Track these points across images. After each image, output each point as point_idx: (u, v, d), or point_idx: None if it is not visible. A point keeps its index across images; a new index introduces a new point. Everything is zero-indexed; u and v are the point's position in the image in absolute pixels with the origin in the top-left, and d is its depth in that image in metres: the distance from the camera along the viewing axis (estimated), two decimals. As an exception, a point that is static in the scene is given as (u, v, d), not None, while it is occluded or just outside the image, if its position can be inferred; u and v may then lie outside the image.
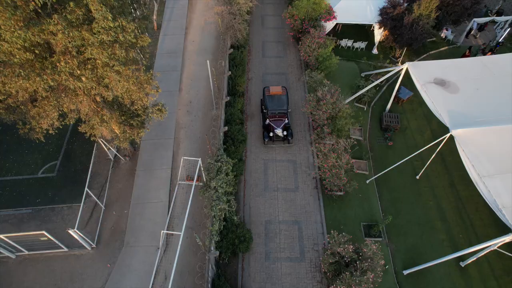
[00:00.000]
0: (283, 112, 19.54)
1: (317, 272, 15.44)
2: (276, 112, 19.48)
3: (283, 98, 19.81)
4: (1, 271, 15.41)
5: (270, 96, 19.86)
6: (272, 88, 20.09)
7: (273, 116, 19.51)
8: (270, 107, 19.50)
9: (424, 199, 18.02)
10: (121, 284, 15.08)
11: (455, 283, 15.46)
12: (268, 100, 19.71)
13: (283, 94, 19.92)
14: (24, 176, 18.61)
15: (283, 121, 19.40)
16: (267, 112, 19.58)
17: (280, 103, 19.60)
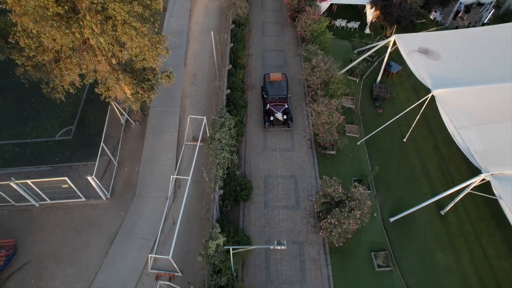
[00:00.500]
0: (283, 97, 20.30)
1: (311, 218, 17.10)
2: (276, 97, 20.23)
3: (283, 84, 20.62)
4: (27, 217, 17.10)
5: (270, 82, 20.66)
6: (272, 75, 20.91)
7: (273, 101, 20.28)
8: (271, 92, 20.25)
9: (410, 159, 19.66)
10: (133, 229, 16.74)
11: (436, 229, 17.08)
12: (269, 86, 20.48)
13: (283, 80, 20.74)
14: (43, 139, 20.30)
15: (283, 106, 20.17)
16: (268, 97, 20.35)
17: (280, 89, 20.40)
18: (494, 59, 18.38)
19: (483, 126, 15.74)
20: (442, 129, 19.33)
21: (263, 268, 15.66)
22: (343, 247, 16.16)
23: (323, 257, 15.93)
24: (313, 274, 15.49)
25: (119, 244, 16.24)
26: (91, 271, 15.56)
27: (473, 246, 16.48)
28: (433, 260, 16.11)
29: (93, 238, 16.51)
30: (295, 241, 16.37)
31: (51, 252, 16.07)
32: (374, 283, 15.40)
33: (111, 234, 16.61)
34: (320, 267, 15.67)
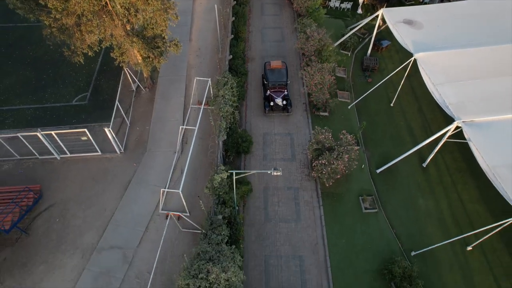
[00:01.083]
0: (282, 84, 20.98)
1: (305, 168, 18.99)
2: (276, 83, 20.92)
3: (282, 71, 21.34)
4: (49, 168, 18.99)
5: (270, 69, 21.42)
6: (272, 63, 21.66)
7: (273, 88, 21.02)
8: (271, 79, 20.97)
9: (396, 120, 21.54)
10: (145, 178, 18.61)
11: (418, 179, 18.95)
12: (269, 73, 21.23)
13: (282, 68, 21.49)
14: (61, 104, 22.19)
15: (282, 92, 20.93)
16: (268, 84, 21.04)
17: (280, 76, 21.11)
18: (472, 28, 20.28)
19: (458, 83, 17.63)
20: (426, 96, 21.35)
21: (262, 209, 17.55)
22: (334, 192, 18.11)
23: (315, 200, 17.82)
24: (307, 214, 17.37)
25: (133, 190, 18.12)
26: (108, 212, 17.44)
27: (450, 192, 18.34)
28: (415, 204, 17.97)
29: (109, 186, 18.40)
30: (290, 187, 18.27)
31: (72, 197, 17.96)
32: (361, 222, 17.26)
33: (125, 182, 18.49)
34: (313, 208, 17.55)
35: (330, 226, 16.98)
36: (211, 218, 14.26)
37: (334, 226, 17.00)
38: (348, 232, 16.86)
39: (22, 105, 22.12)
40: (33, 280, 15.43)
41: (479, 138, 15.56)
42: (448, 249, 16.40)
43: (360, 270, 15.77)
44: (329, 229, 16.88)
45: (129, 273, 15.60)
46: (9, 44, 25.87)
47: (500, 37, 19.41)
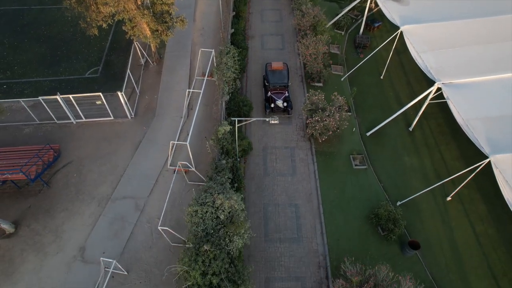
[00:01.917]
0: (283, 85, 21.03)
1: (301, 131, 20.70)
2: (277, 85, 20.97)
3: (283, 72, 21.42)
4: (66, 131, 20.68)
5: (271, 71, 21.57)
6: (273, 64, 21.73)
7: (274, 89, 21.10)
8: (272, 80, 21.05)
9: (385, 91, 23.25)
10: (154, 139, 20.31)
11: (404, 141, 20.65)
12: (270, 75, 21.34)
13: (284, 69, 21.59)
14: (75, 76, 23.91)
15: (283, 93, 20.97)
16: (269, 85, 21.09)
17: (281, 77, 21.20)
18: (456, 2, 21.98)
19: (439, 51, 19.35)
20: (414, 70, 23.17)
21: (261, 165, 19.26)
22: (327, 151, 19.82)
23: (310, 157, 19.52)
24: (302, 169, 19.08)
25: (143, 149, 19.81)
26: (121, 168, 19.12)
27: (433, 152, 20.04)
28: (401, 162, 19.67)
29: (121, 146, 20.09)
30: (287, 146, 19.98)
31: (87, 155, 19.65)
32: (351, 177, 18.96)
33: (136, 143, 20.19)
34: (308, 164, 19.26)
35: (323, 179, 18.68)
36: (215, 163, 15.94)
37: (327, 180, 18.70)
38: (340, 184, 18.56)
39: (39, 77, 23.83)
40: (55, 224, 17.12)
41: (457, 97, 17.26)
42: (430, 199, 18.11)
43: (350, 216, 17.45)
44: (322, 182, 18.59)
45: (141, 218, 17.28)
46: (24, 24, 27.62)
47: (481, 10, 21.15)
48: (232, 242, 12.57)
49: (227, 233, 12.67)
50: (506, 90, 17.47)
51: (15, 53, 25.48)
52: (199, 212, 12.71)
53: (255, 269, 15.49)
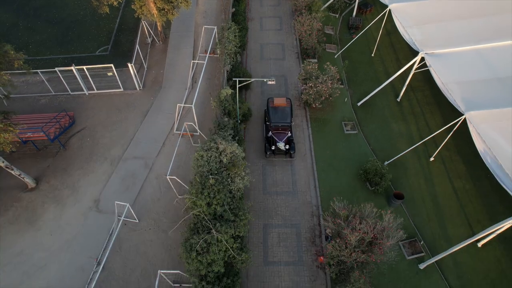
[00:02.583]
0: (286, 125, 19.31)
1: (296, 101, 22.34)
2: (279, 125, 19.20)
3: (286, 110, 19.47)
4: (80, 102, 22.35)
5: (273, 108, 19.59)
6: (276, 100, 19.77)
7: (276, 129, 19.31)
8: (273, 119, 19.15)
9: (376, 67, 24.92)
10: (161, 107, 21.95)
11: (392, 110, 22.31)
12: (272, 112, 19.41)
13: (287, 106, 19.59)
14: (86, 54, 25.59)
15: (286, 134, 19.22)
16: (270, 125, 19.30)
17: (283, 116, 19.28)
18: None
19: (425, 25, 21.00)
20: (403, 48, 24.84)
21: (260, 130, 20.93)
22: (320, 117, 21.49)
23: (305, 123, 21.19)
24: (297, 133, 20.74)
25: (151, 117, 21.46)
26: (130, 133, 20.78)
27: (419, 120, 21.68)
28: (389, 128, 21.31)
29: (131, 114, 21.74)
30: (284, 114, 21.61)
31: (99, 122, 21.31)
32: (343, 140, 20.61)
33: (144, 111, 21.85)
34: (303, 129, 20.92)
35: (317, 142, 20.34)
36: (218, 121, 17.58)
37: (320, 142, 20.36)
38: (332, 146, 20.21)
39: (52, 55, 25.51)
40: (72, 180, 18.77)
41: (438, 64, 18.91)
42: (415, 160, 19.75)
43: (341, 173, 19.10)
44: (316, 144, 20.24)
45: (150, 175, 18.94)
46: (37, 7, 29.32)
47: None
48: (234, 183, 14.21)
49: (229, 175, 14.31)
50: (483, 59, 19.09)
51: (30, 34, 27.18)
52: (204, 157, 14.33)
53: (254, 218, 17.17)
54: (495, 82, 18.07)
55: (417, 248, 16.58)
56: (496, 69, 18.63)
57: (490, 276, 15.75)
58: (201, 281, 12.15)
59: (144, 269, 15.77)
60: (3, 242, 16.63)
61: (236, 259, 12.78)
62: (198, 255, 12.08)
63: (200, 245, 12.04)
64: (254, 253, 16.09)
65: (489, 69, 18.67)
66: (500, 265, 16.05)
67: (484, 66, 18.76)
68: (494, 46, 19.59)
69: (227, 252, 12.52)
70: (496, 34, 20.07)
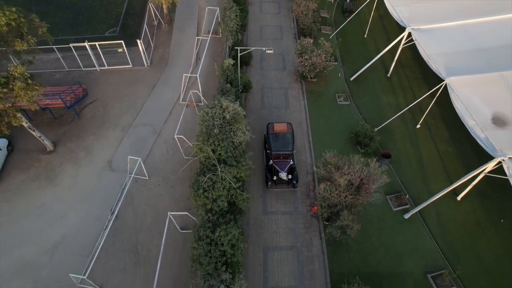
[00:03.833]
0: (288, 153, 17.99)
1: (293, 75, 24.03)
2: (281, 153, 17.96)
3: (288, 137, 18.24)
4: (91, 77, 24.02)
5: (274, 134, 18.35)
6: (276, 126, 18.58)
7: (277, 157, 18.07)
8: (274, 147, 17.92)
9: (368, 45, 26.60)
10: (167, 82, 23.61)
11: (383, 84, 23.97)
12: (272, 139, 18.16)
13: (288, 132, 18.42)
14: (96, 35, 27.21)
15: (288, 162, 17.92)
16: (271, 153, 18.08)
17: (284, 143, 18.06)
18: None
19: (412, 4, 22.68)
20: (394, 30, 26.46)
21: (259, 100, 22.58)
22: (315, 90, 23.16)
23: (301, 95, 22.85)
24: (294, 103, 22.39)
25: (158, 89, 23.12)
26: (139, 104, 22.42)
27: (407, 93, 23.33)
28: (379, 100, 22.96)
29: (139, 87, 23.40)
30: (282, 87, 23.31)
31: (110, 95, 22.96)
32: (336, 110, 22.26)
33: (152, 85, 23.51)
34: (299, 100, 22.57)
35: (312, 111, 22.00)
36: (221, 86, 19.22)
37: (315, 111, 22.01)
38: (326, 115, 21.86)
39: (65, 36, 27.16)
40: (86, 144, 20.41)
41: (423, 38, 20.54)
42: (403, 127, 21.41)
43: (334, 138, 20.73)
44: (311, 113, 21.90)
45: (158, 140, 20.59)
46: (49, -7, 31.05)
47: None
48: (236, 136, 15.84)
49: (232, 129, 15.93)
50: (467, 33, 20.68)
51: (42, 18, 28.20)
52: (209, 113, 15.95)
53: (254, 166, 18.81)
54: (476, 53, 19.71)
55: (402, 201, 18.21)
56: (478, 41, 20.25)
57: (467, 224, 17.37)
58: (207, 213, 13.76)
59: (154, 218, 17.39)
60: (27, 196, 18.25)
61: (238, 198, 14.39)
62: (204, 191, 13.70)
63: (206, 182, 13.66)
64: (254, 204, 17.74)
65: (471, 41, 20.29)
66: (476, 216, 17.68)
67: (467, 39, 20.38)
68: (478, 22, 21.24)
69: (230, 191, 14.13)
70: (480, 11, 21.71)
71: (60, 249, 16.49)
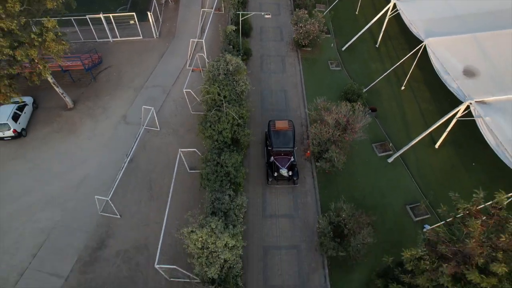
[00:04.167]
0: (288, 150, 18.40)
1: (290, 45, 26.29)
2: (282, 150, 18.34)
3: (289, 134, 18.62)
4: (105, 47, 26.32)
5: (275, 132, 18.74)
6: (277, 123, 19.00)
7: (278, 154, 18.47)
8: (275, 144, 18.30)
9: (359, 21, 28.76)
10: (175, 51, 25.90)
11: (371, 53, 26.24)
12: (273, 137, 18.53)
13: (289, 129, 18.83)
14: (108, 13, 29.50)
15: (289, 159, 18.35)
16: (272, 149, 18.50)
17: (285, 140, 18.40)
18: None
19: (398, -19, 24.94)
20: (383, 6, 28.58)
21: (259, 66, 24.88)
22: (310, 57, 25.42)
23: (297, 62, 25.14)
24: (290, 69, 24.67)
25: (166, 57, 25.39)
26: (150, 69, 24.69)
27: (394, 60, 25.35)
28: (368, 67, 25.21)
29: (149, 56, 25.67)
30: (279, 55, 25.61)
31: (123, 62, 25.24)
32: (329, 75, 24.53)
33: (161, 54, 25.78)
34: (295, 66, 24.85)
35: (306, 75, 24.26)
36: (224, 47, 21.45)
37: (309, 76, 24.27)
38: (319, 79, 24.11)
39: (77, 13, 29.40)
40: (103, 102, 22.67)
41: (406, 8, 22.82)
42: (388, 89, 23.66)
43: (326, 97, 22.67)
44: (306, 76, 24.17)
45: (167, 99, 22.84)
46: (63, -23, 33.28)
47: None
48: (239, 85, 18.08)
49: (234, 79, 18.17)
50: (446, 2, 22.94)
51: None
52: (215, 65, 18.19)
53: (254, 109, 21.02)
54: (454, 19, 21.97)
55: (386, 147, 20.44)
56: (456, 9, 22.49)
57: (443, 168, 19.58)
58: (215, 141, 15.98)
59: (164, 162, 19.61)
60: (52, 145, 20.50)
61: (240, 134, 16.61)
62: (211, 125, 15.91)
63: (212, 116, 15.87)
64: (254, 150, 19.96)
65: (450, 10, 22.54)
66: (451, 161, 19.89)
67: (446, 8, 22.64)
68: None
69: (233, 127, 16.36)
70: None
71: (83, 186, 18.71)
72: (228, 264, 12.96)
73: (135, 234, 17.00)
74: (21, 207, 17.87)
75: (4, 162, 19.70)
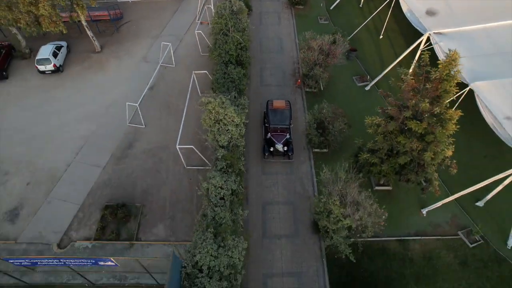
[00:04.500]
0: (285, 127, 19.68)
1: (284, 4, 30.33)
2: (278, 126, 19.56)
3: (285, 112, 19.87)
4: (125, 6, 30.31)
5: (273, 110, 20.00)
6: (275, 102, 20.26)
7: (274, 130, 19.60)
8: (272, 121, 19.57)
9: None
10: (185, 9, 29.93)
11: (356, 12, 30.19)
12: (271, 114, 19.80)
13: (286, 108, 20.05)
14: (126, -20, 33.62)
15: (284, 136, 19.49)
16: (269, 126, 19.74)
17: (282, 118, 19.69)
18: None
19: None
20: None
21: (258, 20, 28.97)
22: (302, 14, 29.50)
23: (291, 17, 29.30)
24: (285, 22, 28.78)
25: (178, 14, 29.48)
26: (164, 22, 28.77)
27: (377, 21, 29.20)
28: (352, 22, 29.10)
29: (163, 13, 29.73)
30: (275, 12, 29.73)
31: (141, 17, 29.32)
32: (318, 26, 28.47)
33: (173, 11, 29.89)
34: (289, 20, 29.03)
35: (299, 27, 28.32)
36: None
37: (301, 27, 28.25)
38: (309, 29, 27.88)
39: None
40: (125, 47, 26.71)
41: (384, -33, 26.84)
42: (369, 38, 27.67)
43: (315, 43, 26.96)
44: (298, 28, 28.22)
45: (181, 44, 26.84)
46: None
47: None
48: (241, 23, 22.04)
49: (238, 18, 22.16)
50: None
51: None
52: (221, 6, 22.19)
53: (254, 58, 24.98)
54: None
55: (365, 79, 24.43)
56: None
57: (412, 93, 23.52)
58: (221, 58, 20.02)
59: (179, 89, 23.57)
60: (84, 78, 24.54)
61: (243, 56, 20.66)
62: (219, 47, 19.94)
63: (220, 39, 19.88)
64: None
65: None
66: (419, 88, 23.83)
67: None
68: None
69: (237, 50, 20.36)
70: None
71: (112, 107, 22.68)
72: (233, 141, 16.86)
73: (158, 138, 20.96)
74: (64, 121, 21.84)
75: (48, 89, 23.72)
